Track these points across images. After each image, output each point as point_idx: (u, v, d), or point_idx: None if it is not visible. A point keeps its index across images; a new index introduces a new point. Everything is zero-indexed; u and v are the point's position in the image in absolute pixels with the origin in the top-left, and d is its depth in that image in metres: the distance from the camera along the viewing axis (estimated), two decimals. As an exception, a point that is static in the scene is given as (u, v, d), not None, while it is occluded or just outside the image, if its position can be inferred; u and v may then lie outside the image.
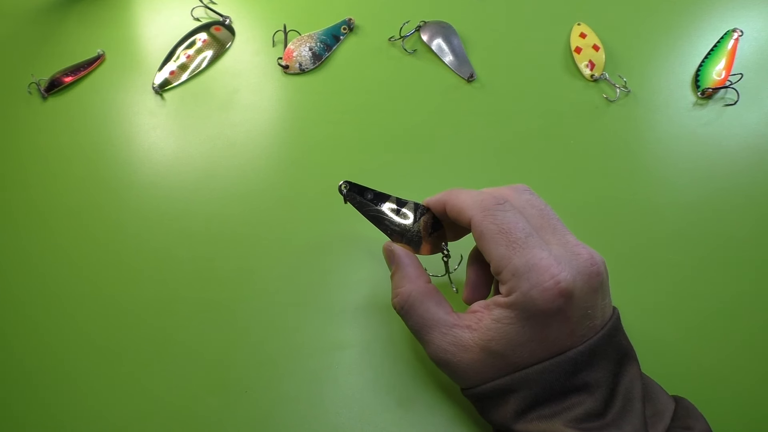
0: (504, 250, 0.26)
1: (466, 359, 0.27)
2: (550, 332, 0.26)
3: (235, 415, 0.32)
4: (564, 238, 0.27)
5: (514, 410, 0.26)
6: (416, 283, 0.30)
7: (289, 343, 0.35)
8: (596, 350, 0.26)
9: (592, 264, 0.26)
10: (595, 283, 0.26)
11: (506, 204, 0.27)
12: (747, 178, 0.40)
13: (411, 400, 0.32)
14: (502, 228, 0.27)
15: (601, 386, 0.26)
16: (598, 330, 0.26)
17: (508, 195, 0.29)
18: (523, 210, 0.28)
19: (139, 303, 0.36)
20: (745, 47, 0.46)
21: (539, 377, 0.26)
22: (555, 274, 0.25)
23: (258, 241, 0.38)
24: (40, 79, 0.46)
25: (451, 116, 0.44)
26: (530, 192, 0.30)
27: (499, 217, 0.27)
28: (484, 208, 0.27)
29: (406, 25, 0.47)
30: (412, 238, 0.32)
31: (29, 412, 0.33)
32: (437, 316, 0.28)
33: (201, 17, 0.50)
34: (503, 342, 0.26)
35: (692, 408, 0.28)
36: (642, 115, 0.43)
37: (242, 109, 0.45)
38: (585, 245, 0.27)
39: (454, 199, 0.29)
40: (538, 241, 0.26)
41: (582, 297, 0.26)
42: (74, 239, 0.39)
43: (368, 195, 0.32)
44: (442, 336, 0.28)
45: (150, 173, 0.42)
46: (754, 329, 0.34)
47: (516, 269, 0.26)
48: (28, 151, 0.43)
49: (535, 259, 0.25)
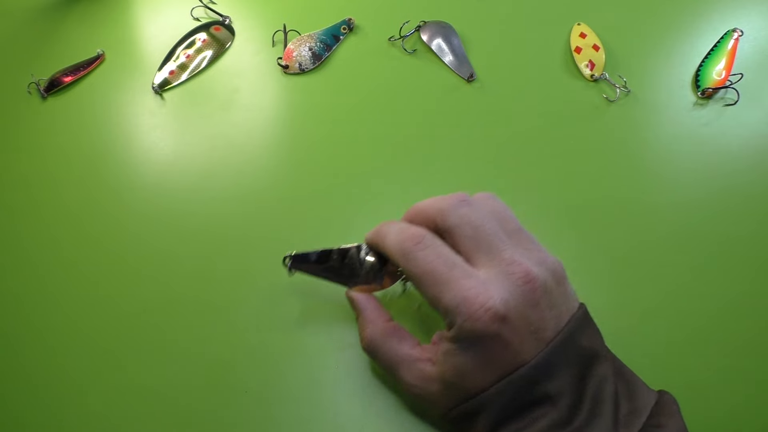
0: (432, 289, 0.27)
1: (432, 390, 0.28)
2: (494, 356, 0.26)
3: (235, 415, 0.32)
4: (499, 257, 0.27)
5: (483, 430, 0.26)
6: (376, 324, 0.31)
7: (289, 343, 0.35)
8: (551, 360, 0.26)
9: (526, 281, 0.26)
10: (533, 298, 0.26)
11: (424, 241, 0.28)
12: (747, 178, 0.40)
13: (410, 401, 0.32)
14: (424, 270, 0.27)
15: (564, 394, 0.25)
16: (550, 339, 0.26)
17: (437, 217, 0.29)
18: (455, 230, 0.28)
19: (138, 303, 0.36)
20: (745, 47, 0.46)
21: (496, 398, 0.26)
22: (483, 302, 0.25)
23: (258, 240, 0.38)
24: (39, 79, 0.46)
25: (450, 116, 0.44)
26: (467, 204, 0.29)
27: (420, 258, 0.27)
28: (405, 252, 0.28)
29: (406, 25, 0.47)
30: (368, 277, 0.33)
31: (29, 412, 0.33)
32: (401, 353, 0.29)
33: (201, 17, 0.50)
34: (454, 373, 0.27)
35: (669, 402, 0.27)
36: (642, 115, 0.43)
37: (242, 109, 0.45)
38: (523, 258, 0.27)
39: (381, 243, 0.30)
40: (462, 271, 0.26)
41: (520, 316, 0.25)
42: (74, 239, 0.39)
43: (312, 258, 0.33)
44: (408, 371, 0.29)
45: (150, 173, 0.42)
46: (755, 329, 0.34)
47: (447, 306, 0.26)
48: (27, 151, 0.43)
49: (463, 291, 0.26)
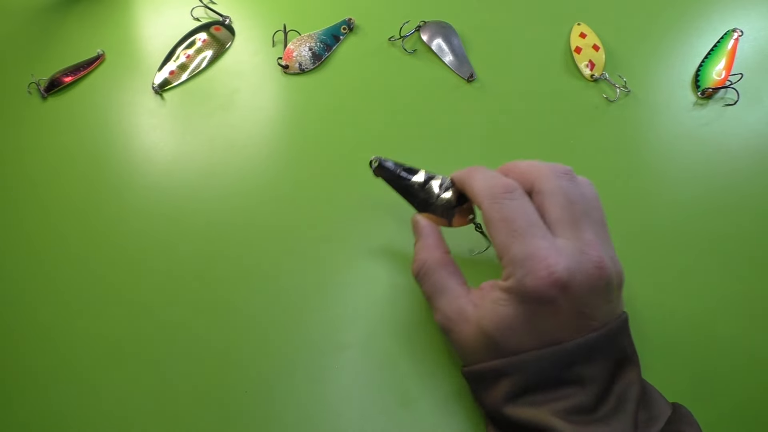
0: (504, 237, 0.27)
1: (465, 332, 0.28)
2: (540, 321, 0.26)
3: (235, 415, 0.32)
4: (580, 234, 0.27)
5: (506, 393, 0.26)
6: (433, 252, 0.31)
7: (289, 343, 0.35)
8: (595, 346, 0.26)
9: (597, 266, 0.26)
10: (597, 284, 0.26)
11: (515, 192, 0.28)
12: (747, 177, 0.40)
13: (411, 400, 0.32)
14: (504, 216, 0.27)
15: (596, 382, 0.25)
16: (597, 329, 0.26)
17: (535, 179, 0.29)
18: (548, 197, 0.28)
19: (139, 303, 0.36)
20: (745, 47, 0.46)
21: (533, 364, 0.26)
22: (550, 264, 0.25)
23: (258, 240, 0.38)
24: (39, 79, 0.46)
25: (451, 116, 0.44)
26: (569, 178, 0.29)
27: (504, 206, 0.27)
28: (492, 195, 0.28)
29: (406, 25, 0.47)
30: (439, 210, 0.32)
31: (34, 408, 0.33)
32: (448, 285, 0.30)
33: (201, 17, 0.50)
34: (495, 323, 0.27)
35: (687, 414, 0.28)
36: (642, 115, 0.43)
37: (242, 109, 0.45)
38: (602, 246, 0.27)
39: (469, 182, 0.30)
40: (540, 231, 0.27)
41: (578, 293, 0.25)
42: (74, 239, 0.39)
43: (398, 169, 0.33)
44: (449, 304, 0.29)
45: (150, 173, 0.42)
46: (754, 327, 0.34)
47: (514, 256, 0.26)
48: (27, 151, 0.43)
49: (533, 248, 0.26)
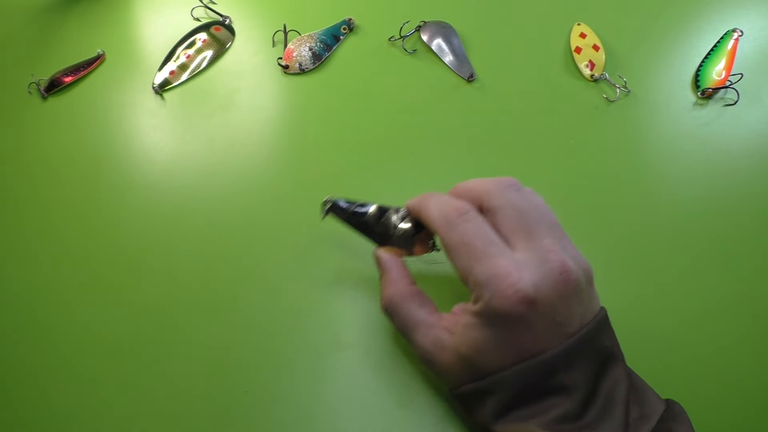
0: (465, 261, 0.27)
1: (445, 360, 0.28)
2: (515, 338, 0.26)
3: (235, 415, 0.32)
4: (538, 243, 0.27)
5: (492, 411, 0.26)
6: (398, 286, 0.31)
7: (289, 343, 0.35)
8: (572, 353, 0.26)
9: (561, 271, 0.26)
10: (566, 290, 0.26)
11: (468, 214, 0.28)
12: (747, 177, 0.40)
13: (411, 400, 0.32)
14: (462, 240, 0.27)
15: (579, 388, 0.25)
16: (573, 334, 0.26)
17: (483, 196, 0.29)
18: (498, 212, 0.28)
19: (139, 303, 0.36)
20: (745, 47, 0.46)
21: (513, 379, 0.26)
22: (514, 282, 0.25)
23: (258, 240, 0.38)
24: (39, 79, 0.46)
25: (451, 116, 0.44)
26: (516, 188, 0.29)
27: (460, 229, 0.27)
28: (447, 221, 0.28)
29: (406, 25, 0.47)
30: (399, 241, 0.32)
31: (33, 407, 0.33)
32: (419, 317, 0.29)
33: (201, 17, 0.50)
34: (471, 347, 0.27)
35: (680, 411, 0.27)
36: (642, 115, 0.43)
37: (242, 109, 0.45)
38: (562, 250, 0.27)
39: (423, 210, 0.30)
40: (499, 249, 0.27)
41: (548, 304, 0.25)
42: (74, 239, 0.39)
43: (351, 206, 0.33)
44: (423, 336, 0.29)
45: (150, 173, 0.42)
46: (754, 328, 0.34)
47: (477, 279, 0.26)
48: (27, 151, 0.43)
49: (495, 267, 0.26)
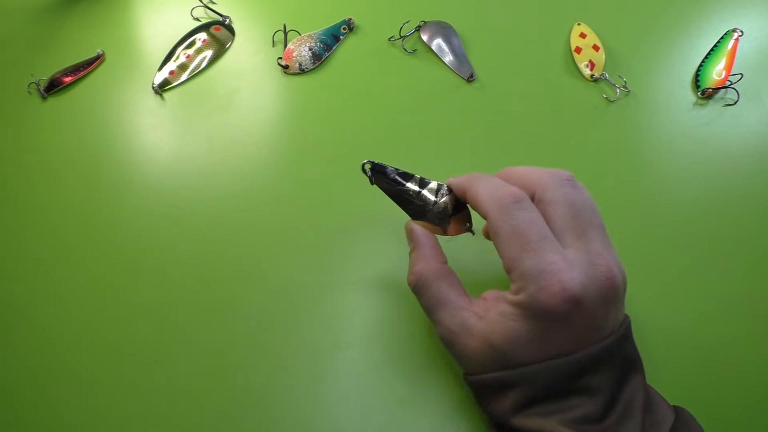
0: (515, 251, 0.26)
1: (470, 344, 0.27)
2: (552, 336, 0.25)
3: (235, 415, 0.32)
4: (588, 245, 0.26)
5: (513, 404, 0.26)
6: (430, 263, 0.30)
7: (288, 343, 0.35)
8: (602, 356, 0.26)
9: (608, 277, 0.26)
10: (609, 296, 0.26)
11: (523, 202, 0.27)
12: (747, 177, 0.40)
13: (411, 400, 0.32)
14: (515, 229, 0.26)
15: (603, 391, 0.25)
16: (605, 338, 0.26)
17: (537, 186, 0.28)
18: (552, 206, 0.27)
19: (138, 303, 0.36)
20: (745, 47, 0.46)
21: (542, 375, 0.26)
22: (564, 280, 0.25)
23: (258, 240, 0.38)
24: (39, 79, 0.46)
25: (451, 116, 0.44)
26: (572, 184, 0.28)
27: (515, 217, 0.26)
28: (501, 206, 0.27)
29: (406, 25, 0.47)
30: (435, 218, 0.31)
31: (32, 408, 0.33)
32: (448, 297, 0.29)
33: (201, 17, 0.50)
34: (504, 337, 0.26)
35: (691, 420, 0.28)
36: (642, 115, 0.43)
37: (242, 109, 0.45)
38: (608, 254, 0.26)
39: (472, 190, 0.29)
40: (552, 245, 0.26)
41: (591, 307, 0.25)
42: (74, 239, 0.39)
43: (391, 174, 0.32)
44: (451, 317, 0.28)
45: (150, 173, 0.42)
46: (753, 327, 0.34)
47: (525, 272, 0.25)
48: (27, 151, 0.43)
49: (545, 263, 0.25)
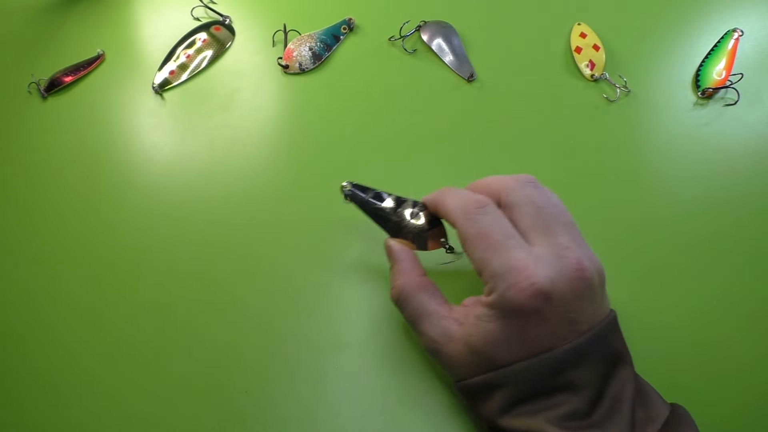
0: (482, 253, 0.27)
1: (453, 351, 0.28)
2: (527, 332, 0.26)
3: (235, 415, 0.32)
4: (554, 240, 0.27)
5: (500, 405, 0.26)
6: (410, 276, 0.31)
7: (289, 343, 0.35)
8: (583, 351, 0.26)
9: (577, 269, 0.26)
10: (580, 288, 0.26)
11: (487, 207, 0.28)
12: (747, 177, 0.40)
13: (411, 400, 0.32)
14: (480, 232, 0.27)
15: (588, 387, 0.25)
16: (584, 332, 0.26)
17: (501, 192, 0.29)
18: (516, 207, 0.28)
19: (138, 303, 0.36)
20: (745, 47, 0.46)
21: (524, 374, 0.26)
22: (531, 275, 0.25)
23: (258, 240, 0.38)
24: (39, 79, 0.46)
25: (451, 116, 0.44)
26: (534, 185, 0.30)
27: (478, 221, 0.28)
28: (466, 212, 0.29)
29: (406, 25, 0.47)
30: (413, 235, 0.33)
31: (32, 408, 0.33)
32: (429, 308, 0.30)
33: (201, 17, 0.50)
34: (482, 339, 0.27)
35: (685, 415, 0.28)
36: (642, 115, 0.43)
37: (242, 108, 0.45)
38: (578, 248, 0.27)
39: (441, 202, 0.31)
40: (517, 242, 0.27)
41: (562, 300, 0.25)
42: (74, 239, 0.39)
43: (369, 194, 0.34)
44: (433, 327, 0.29)
45: (150, 173, 0.42)
46: (753, 327, 0.34)
47: (494, 271, 0.26)
48: (27, 151, 0.43)
49: (512, 260, 0.26)
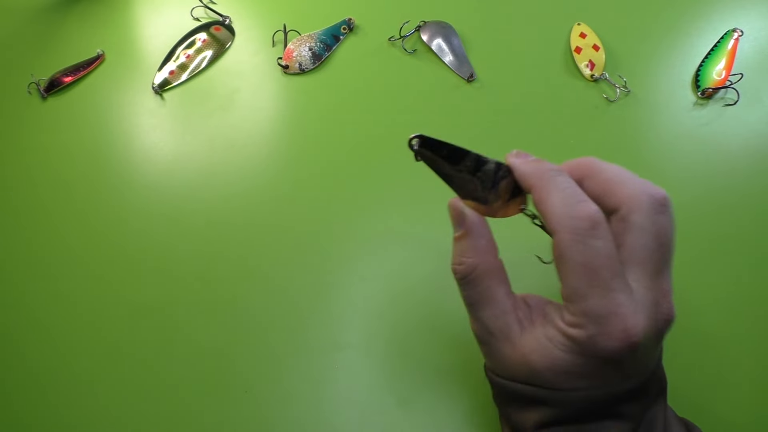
0: (582, 285, 0.23)
1: (506, 352, 0.26)
2: (600, 372, 0.24)
3: (235, 415, 0.32)
4: (659, 284, 0.24)
5: (538, 420, 0.25)
6: (486, 258, 0.27)
7: (289, 343, 0.35)
8: (644, 388, 0.25)
9: (667, 318, 0.24)
10: (664, 334, 0.25)
11: (600, 229, 0.23)
12: (747, 177, 0.40)
13: (411, 400, 0.32)
14: (588, 262, 0.23)
15: (634, 418, 0.25)
16: (649, 370, 0.25)
17: (625, 203, 0.25)
18: (636, 233, 0.24)
19: (138, 303, 0.36)
20: (745, 47, 0.46)
21: (579, 403, 0.24)
22: (628, 327, 0.23)
23: (258, 240, 0.38)
24: (39, 79, 0.46)
25: (451, 116, 0.44)
26: (666, 213, 0.25)
27: (589, 248, 0.23)
28: (574, 230, 0.23)
29: (406, 25, 0.47)
30: (487, 199, 0.28)
31: (33, 406, 0.33)
32: (497, 296, 0.26)
33: (201, 17, 0.50)
34: (545, 364, 0.24)
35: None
36: (642, 115, 0.43)
37: (242, 109, 0.45)
38: (671, 290, 0.25)
39: (542, 195, 0.25)
40: (622, 284, 0.23)
41: (646, 349, 0.24)
42: (74, 238, 0.39)
43: (443, 151, 0.28)
44: (494, 318, 0.26)
45: (150, 173, 0.42)
46: (753, 326, 0.34)
47: (590, 311, 0.23)
48: (27, 151, 0.43)
49: (612, 305, 0.23)
